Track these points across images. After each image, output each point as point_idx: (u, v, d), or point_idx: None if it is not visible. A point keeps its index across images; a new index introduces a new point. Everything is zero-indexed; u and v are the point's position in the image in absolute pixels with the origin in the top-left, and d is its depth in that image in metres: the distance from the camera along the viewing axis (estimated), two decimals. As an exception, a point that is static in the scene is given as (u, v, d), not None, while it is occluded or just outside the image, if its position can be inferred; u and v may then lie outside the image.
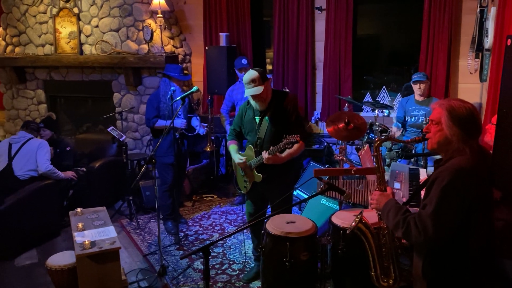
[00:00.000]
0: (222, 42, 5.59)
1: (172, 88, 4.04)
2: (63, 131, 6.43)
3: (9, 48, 6.30)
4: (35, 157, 4.35)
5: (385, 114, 5.26)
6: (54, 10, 5.87)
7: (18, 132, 4.58)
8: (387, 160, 3.99)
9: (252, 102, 3.16)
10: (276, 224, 2.62)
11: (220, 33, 5.64)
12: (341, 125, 3.16)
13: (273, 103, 3.12)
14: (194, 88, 3.67)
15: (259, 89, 3.00)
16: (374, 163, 2.14)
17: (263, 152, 2.99)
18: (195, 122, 4.46)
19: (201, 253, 1.97)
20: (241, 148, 3.44)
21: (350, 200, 2.95)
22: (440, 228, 1.80)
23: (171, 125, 3.73)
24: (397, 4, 5.63)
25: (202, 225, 4.63)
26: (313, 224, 2.66)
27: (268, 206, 3.48)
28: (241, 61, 4.82)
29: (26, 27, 6.13)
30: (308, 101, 5.68)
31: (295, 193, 4.57)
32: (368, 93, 5.75)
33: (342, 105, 5.33)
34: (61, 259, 3.21)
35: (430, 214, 1.81)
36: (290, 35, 5.57)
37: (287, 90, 5.06)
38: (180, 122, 4.18)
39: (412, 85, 4.66)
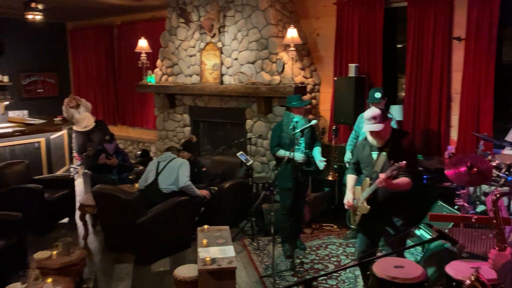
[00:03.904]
0: (352, 72, 5.64)
1: (294, 119, 4.22)
2: (203, 151, 7.14)
3: (164, 77, 7.27)
4: (177, 173, 4.91)
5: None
6: (202, 45, 6.62)
7: (165, 153, 5.26)
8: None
9: (369, 138, 3.23)
10: (383, 267, 2.56)
11: (349, 64, 5.70)
12: (462, 169, 2.95)
13: (391, 141, 3.16)
14: (313, 122, 3.82)
15: (378, 127, 3.08)
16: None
17: (381, 174, 2.99)
18: (317, 155, 4.51)
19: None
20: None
21: (463, 252, 2.71)
22: None
23: (290, 155, 3.93)
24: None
25: (319, 255, 4.67)
26: (422, 271, 2.52)
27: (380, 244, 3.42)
28: (374, 94, 4.79)
29: (178, 59, 7.02)
30: (441, 134, 5.35)
31: (418, 232, 4.34)
32: (512, 128, 5.16)
33: (479, 141, 4.89)
34: (186, 271, 3.59)
35: None
36: (424, 64, 5.37)
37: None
38: (298, 156, 4.33)
39: None
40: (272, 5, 5.95)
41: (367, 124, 3.12)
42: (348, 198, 3.35)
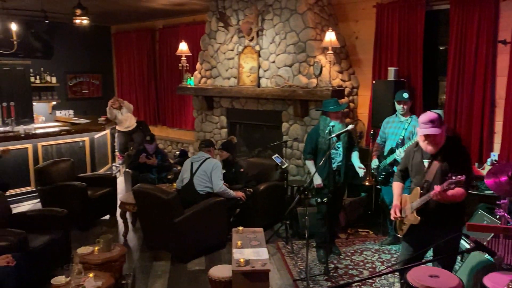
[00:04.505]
0: (391, 76, 5.56)
1: (331, 124, 4.22)
2: (239, 153, 7.22)
3: (203, 80, 7.41)
4: (210, 177, 4.97)
5: None
6: (240, 48, 6.71)
7: (197, 153, 5.33)
8: None
9: (422, 144, 3.08)
10: (418, 276, 2.52)
11: (388, 68, 5.62)
12: (503, 178, 2.85)
13: (445, 148, 3.02)
14: (349, 127, 3.80)
15: (436, 131, 2.93)
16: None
17: (435, 186, 2.89)
18: (356, 162, 4.51)
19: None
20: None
21: (502, 263, 2.62)
22: None
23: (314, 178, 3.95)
24: None
25: (353, 260, 4.63)
26: (459, 282, 2.47)
27: (425, 256, 3.34)
28: (402, 94, 4.76)
29: (217, 63, 7.14)
30: (484, 140, 5.18)
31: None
32: (563, 135, 4.93)
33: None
34: (220, 271, 3.66)
35: None
36: (467, 68, 5.21)
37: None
38: (316, 180, 4.36)
39: None
40: (310, 8, 5.96)
41: (423, 128, 2.96)
42: (395, 209, 3.23)
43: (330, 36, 5.50)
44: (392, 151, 4.71)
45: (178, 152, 8.33)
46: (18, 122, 7.52)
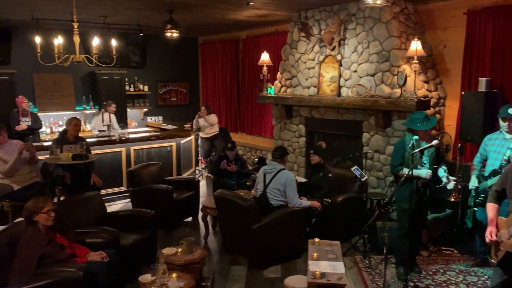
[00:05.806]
0: (482, 87, 5.23)
1: (414, 137, 4.07)
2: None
3: (283, 89, 7.52)
4: (284, 191, 4.95)
5: None
6: (321, 57, 6.72)
7: (270, 163, 5.31)
8: None
9: None
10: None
11: (479, 78, 5.29)
12: None
13: None
14: (434, 142, 3.64)
15: None
16: None
17: None
18: (441, 172, 4.31)
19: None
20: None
21: None
22: None
23: (411, 173, 3.80)
24: None
25: (435, 280, 4.41)
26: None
27: None
28: (507, 110, 4.38)
29: (297, 72, 7.21)
30: None
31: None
32: None
33: None
34: (296, 281, 3.70)
35: None
36: None
37: None
38: (425, 173, 4.14)
39: None
40: (395, 17, 5.80)
41: None
42: (491, 232, 3.07)
43: (416, 45, 5.31)
44: (494, 172, 4.35)
45: (256, 159, 8.52)
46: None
